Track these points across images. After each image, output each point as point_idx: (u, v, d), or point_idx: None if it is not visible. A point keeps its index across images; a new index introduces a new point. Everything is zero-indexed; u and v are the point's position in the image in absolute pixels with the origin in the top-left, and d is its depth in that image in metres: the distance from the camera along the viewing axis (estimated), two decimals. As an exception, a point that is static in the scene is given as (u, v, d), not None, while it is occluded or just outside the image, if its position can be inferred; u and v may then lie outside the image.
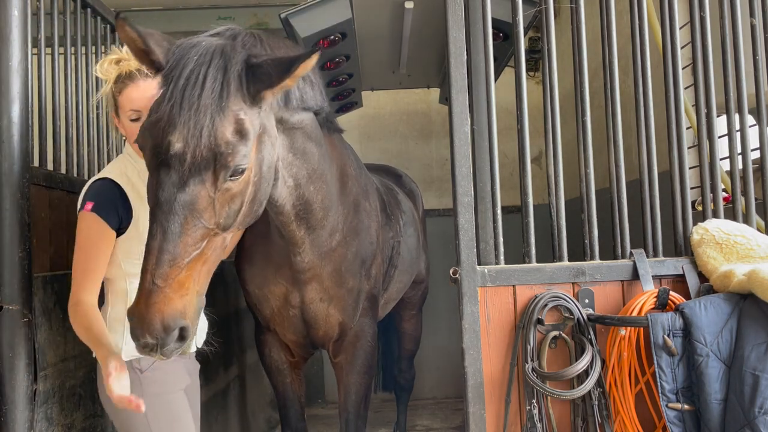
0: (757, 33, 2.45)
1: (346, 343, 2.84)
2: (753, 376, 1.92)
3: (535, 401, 2.18)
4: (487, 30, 2.35)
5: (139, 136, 1.81)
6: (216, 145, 1.74)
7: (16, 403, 1.96)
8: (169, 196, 1.72)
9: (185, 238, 1.73)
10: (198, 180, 1.74)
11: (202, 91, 1.75)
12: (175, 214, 1.72)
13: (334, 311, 2.75)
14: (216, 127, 1.75)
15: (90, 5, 2.80)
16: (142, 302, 1.71)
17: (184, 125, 1.72)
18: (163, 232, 1.72)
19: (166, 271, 1.71)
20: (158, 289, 1.70)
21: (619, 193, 2.40)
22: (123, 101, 2.06)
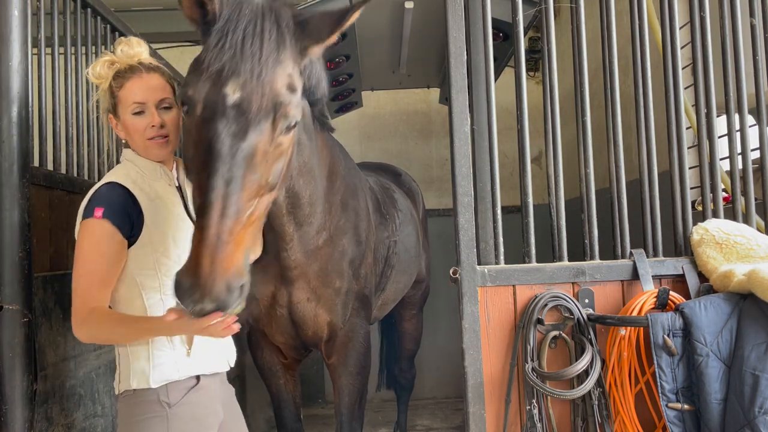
0: (757, 33, 2.45)
1: (338, 344, 2.80)
2: (753, 376, 1.92)
3: (535, 401, 2.18)
4: (487, 30, 2.36)
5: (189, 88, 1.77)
6: (275, 95, 1.76)
7: (15, 402, 1.95)
8: (230, 147, 1.69)
9: (246, 191, 1.70)
10: (258, 131, 1.73)
11: (261, 44, 1.77)
12: (237, 165, 1.69)
13: (322, 311, 2.71)
14: (276, 78, 1.78)
15: (90, 5, 2.80)
16: (205, 260, 1.60)
17: (248, 74, 1.73)
18: (225, 183, 1.66)
19: (230, 225, 1.65)
20: (223, 245, 1.63)
21: (619, 193, 2.40)
22: (125, 95, 1.98)
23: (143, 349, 1.91)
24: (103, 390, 2.66)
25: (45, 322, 2.23)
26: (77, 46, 2.75)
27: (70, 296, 2.39)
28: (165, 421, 1.87)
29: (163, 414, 1.88)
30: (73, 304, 1.84)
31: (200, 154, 1.73)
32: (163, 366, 1.91)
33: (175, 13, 6.27)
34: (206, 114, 1.74)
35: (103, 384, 2.66)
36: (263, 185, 1.77)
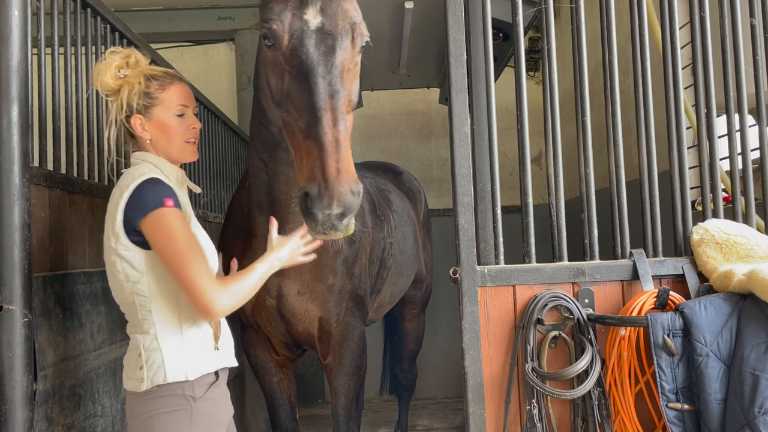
0: (757, 33, 2.45)
1: (333, 344, 2.76)
2: (753, 376, 1.92)
3: (535, 401, 2.18)
4: (487, 30, 2.36)
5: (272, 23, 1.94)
6: (350, 16, 2.01)
7: (15, 402, 1.95)
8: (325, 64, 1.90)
9: (345, 103, 1.91)
10: (343, 48, 1.97)
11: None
12: (335, 79, 1.89)
13: (313, 306, 2.67)
14: (350, 6, 2.04)
15: (90, 5, 2.80)
16: (330, 166, 1.76)
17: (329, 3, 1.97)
18: (329, 96, 1.87)
19: (342, 131, 1.84)
20: (342, 149, 1.80)
21: (619, 193, 2.40)
22: (170, 96, 2.03)
23: (178, 343, 1.94)
24: (103, 390, 2.66)
25: (45, 322, 2.23)
26: (77, 46, 2.74)
27: (70, 296, 2.39)
28: (190, 415, 1.90)
29: (188, 408, 1.91)
30: (196, 288, 1.84)
31: (296, 78, 1.92)
32: (197, 359, 1.96)
33: (175, 13, 6.28)
34: (295, 42, 1.93)
35: (103, 384, 2.66)
36: (351, 102, 1.98)
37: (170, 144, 2.05)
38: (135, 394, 1.93)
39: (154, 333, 1.93)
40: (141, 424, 1.91)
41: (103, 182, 2.86)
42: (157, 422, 1.89)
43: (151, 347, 1.92)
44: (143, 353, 1.92)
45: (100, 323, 2.65)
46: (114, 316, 2.79)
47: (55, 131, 2.61)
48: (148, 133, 2.03)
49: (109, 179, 2.94)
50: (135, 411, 1.94)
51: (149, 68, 2.07)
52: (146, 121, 2.03)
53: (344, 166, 1.80)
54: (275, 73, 2.03)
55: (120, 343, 2.84)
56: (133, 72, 2.03)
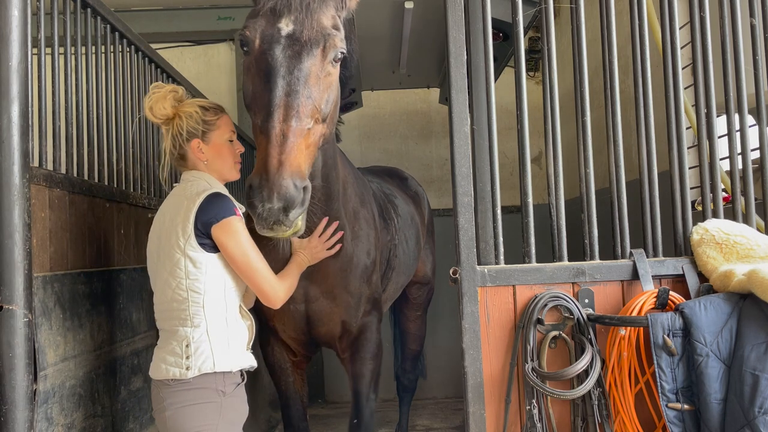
0: (757, 33, 2.45)
1: (351, 340, 2.91)
2: (753, 375, 1.92)
3: (535, 401, 2.18)
4: (487, 30, 2.35)
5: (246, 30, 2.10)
6: (323, 27, 2.09)
7: (16, 403, 1.95)
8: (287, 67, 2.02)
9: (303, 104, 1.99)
10: (311, 55, 2.06)
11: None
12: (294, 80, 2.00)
13: (337, 310, 2.79)
14: (322, 15, 2.11)
15: (90, 5, 2.80)
16: (272, 159, 1.87)
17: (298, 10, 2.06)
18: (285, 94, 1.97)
19: (292, 126, 1.93)
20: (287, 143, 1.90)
21: (619, 193, 2.40)
22: (224, 124, 2.33)
23: (224, 338, 2.18)
24: (103, 390, 2.66)
25: (45, 322, 2.23)
26: (77, 46, 2.74)
27: (70, 296, 2.39)
28: (219, 409, 2.13)
29: (218, 402, 2.14)
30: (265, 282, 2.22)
31: (261, 79, 2.04)
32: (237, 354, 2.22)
33: (175, 13, 6.28)
34: (264, 46, 2.06)
35: (103, 384, 2.66)
36: (316, 108, 2.05)
37: (224, 164, 2.33)
38: (169, 383, 2.12)
39: (205, 327, 2.16)
40: (173, 414, 2.11)
41: (103, 182, 2.86)
42: (191, 412, 2.10)
43: (201, 339, 2.14)
44: (192, 344, 2.13)
45: (100, 323, 2.65)
46: (114, 316, 2.80)
47: (55, 131, 2.61)
48: (205, 155, 2.30)
49: (109, 179, 2.94)
50: (168, 401, 2.12)
51: (200, 100, 2.36)
52: (204, 144, 2.30)
53: (288, 159, 1.88)
54: (249, 77, 2.15)
55: (120, 343, 2.84)
56: (188, 102, 2.31)
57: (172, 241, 2.16)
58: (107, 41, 3.02)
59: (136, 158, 3.24)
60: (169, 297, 2.18)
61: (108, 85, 3.00)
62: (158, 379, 2.17)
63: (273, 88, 1.98)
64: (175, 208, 2.20)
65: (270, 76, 2.01)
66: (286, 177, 1.85)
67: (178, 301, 2.17)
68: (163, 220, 2.25)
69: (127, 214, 2.98)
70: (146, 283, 3.12)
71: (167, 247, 2.18)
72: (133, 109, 3.24)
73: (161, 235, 2.23)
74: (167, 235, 2.19)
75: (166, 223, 2.22)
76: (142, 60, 3.41)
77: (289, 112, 1.95)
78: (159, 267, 2.23)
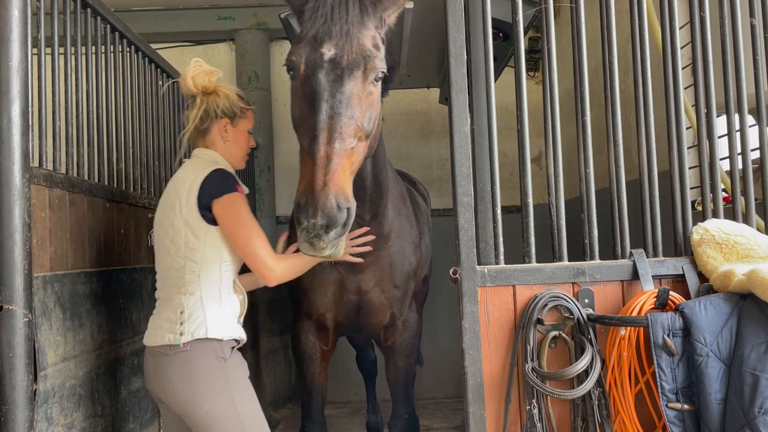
0: (757, 33, 2.45)
1: (397, 331, 3.12)
2: (753, 375, 1.92)
3: (535, 401, 2.18)
4: (487, 30, 2.35)
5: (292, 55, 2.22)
6: (363, 50, 2.18)
7: (16, 403, 1.95)
8: (330, 90, 2.11)
9: (346, 125, 2.08)
10: (352, 78, 2.15)
11: (347, 11, 2.20)
12: (337, 103, 2.09)
13: (387, 301, 2.99)
14: (362, 37, 2.20)
15: (90, 5, 2.80)
16: (318, 179, 1.96)
17: (338, 35, 2.17)
18: (329, 117, 2.06)
19: (336, 148, 2.02)
20: (332, 164, 1.99)
21: (619, 193, 2.40)
22: (250, 116, 2.53)
23: (217, 308, 2.28)
24: (103, 390, 2.66)
25: (45, 322, 2.23)
26: (77, 46, 2.74)
27: (70, 296, 2.39)
28: (224, 374, 2.24)
29: (221, 368, 2.23)
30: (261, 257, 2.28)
31: (307, 102, 2.14)
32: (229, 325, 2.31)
33: (175, 13, 6.27)
34: (308, 71, 2.16)
35: (103, 384, 2.66)
36: (359, 127, 2.14)
37: (238, 151, 2.50)
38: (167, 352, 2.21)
39: (199, 295, 2.25)
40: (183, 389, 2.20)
41: (103, 182, 2.86)
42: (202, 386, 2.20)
43: (195, 306, 2.24)
44: (186, 311, 2.23)
45: (100, 323, 2.65)
46: (114, 316, 2.80)
47: (55, 131, 2.61)
48: (227, 137, 2.45)
49: (109, 179, 2.94)
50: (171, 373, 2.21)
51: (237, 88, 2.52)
52: (231, 127, 2.45)
53: (332, 180, 1.97)
54: (296, 101, 2.26)
55: (120, 343, 2.84)
56: (226, 85, 2.47)
57: (175, 210, 2.28)
58: (107, 41, 3.02)
59: (136, 158, 3.24)
60: (168, 264, 2.29)
61: (108, 85, 3.00)
62: (154, 346, 2.25)
63: (317, 111, 2.08)
64: (182, 180, 2.32)
65: (314, 99, 2.11)
66: (331, 197, 1.94)
67: (175, 269, 2.27)
68: (167, 191, 2.38)
69: (127, 214, 2.98)
70: (146, 283, 3.13)
71: (171, 216, 2.29)
72: (133, 109, 3.24)
73: (165, 204, 2.35)
74: (171, 205, 2.30)
75: (171, 194, 2.33)
76: (142, 60, 3.41)
77: (333, 134, 2.04)
78: (162, 235, 2.33)
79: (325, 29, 2.18)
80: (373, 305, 2.97)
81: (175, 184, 2.35)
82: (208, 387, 2.20)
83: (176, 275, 2.28)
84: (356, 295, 2.93)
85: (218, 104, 2.42)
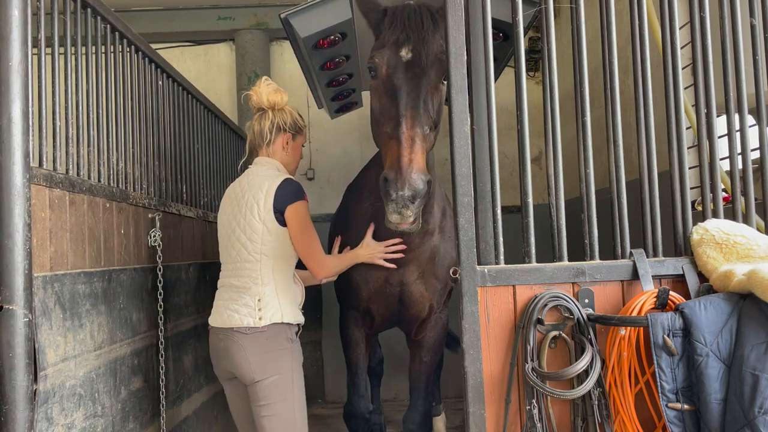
0: (757, 33, 2.45)
1: (429, 326, 3.36)
2: (753, 375, 1.92)
3: (535, 401, 2.18)
4: (487, 30, 2.35)
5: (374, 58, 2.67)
6: (435, 54, 2.61)
7: (16, 403, 1.95)
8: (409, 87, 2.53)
9: (422, 115, 2.51)
10: (426, 76, 2.58)
11: (422, 22, 2.63)
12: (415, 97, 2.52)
13: (427, 294, 3.22)
14: (434, 43, 2.62)
15: (90, 5, 2.80)
16: (404, 156, 2.36)
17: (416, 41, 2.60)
18: (410, 108, 2.49)
19: (418, 132, 2.44)
20: (415, 145, 2.39)
21: (619, 193, 2.40)
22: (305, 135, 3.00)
23: (287, 296, 2.70)
24: (103, 390, 2.66)
25: (45, 322, 2.23)
26: (77, 46, 2.74)
27: (70, 296, 2.39)
28: (291, 353, 2.65)
29: (289, 348, 2.65)
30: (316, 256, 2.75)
31: (389, 96, 2.57)
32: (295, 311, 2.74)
33: (175, 13, 6.28)
34: (390, 71, 2.61)
35: (103, 384, 2.66)
36: (431, 118, 2.58)
37: (293, 162, 2.96)
38: (246, 331, 2.60)
39: (273, 286, 2.67)
40: (257, 359, 2.58)
41: (102, 182, 2.86)
42: (272, 358, 2.60)
43: (271, 296, 2.65)
44: (263, 299, 2.64)
45: (100, 323, 2.65)
46: (114, 316, 2.80)
47: (55, 131, 2.61)
48: (287, 149, 2.89)
49: (109, 179, 2.94)
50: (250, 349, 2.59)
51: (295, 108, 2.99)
52: (291, 141, 2.90)
53: (416, 159, 2.37)
54: (376, 96, 2.69)
55: (120, 343, 2.84)
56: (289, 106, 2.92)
57: (254, 212, 2.66)
58: (107, 41, 3.02)
59: (136, 158, 3.24)
60: (244, 258, 2.68)
61: (108, 85, 3.00)
62: (230, 327, 2.62)
63: (400, 103, 2.50)
64: (258, 185, 2.70)
65: (396, 93, 2.54)
66: (415, 172, 2.33)
67: (251, 262, 2.67)
68: (241, 193, 2.75)
69: (127, 214, 2.98)
70: (146, 283, 3.13)
71: (248, 217, 2.67)
72: (133, 109, 3.24)
73: (240, 204, 2.72)
74: (249, 207, 2.68)
75: (247, 196, 2.70)
76: (142, 60, 3.40)
77: (414, 122, 2.45)
78: (237, 232, 2.70)
79: (403, 36, 2.60)
80: (413, 297, 3.23)
81: (251, 188, 2.71)
82: (278, 361, 2.59)
83: (252, 267, 2.66)
84: (399, 287, 3.20)
85: (285, 120, 2.85)
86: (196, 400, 3.86)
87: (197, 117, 4.29)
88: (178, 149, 3.88)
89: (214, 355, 2.75)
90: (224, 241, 2.79)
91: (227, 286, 2.74)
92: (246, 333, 2.60)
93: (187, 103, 4.07)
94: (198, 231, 4.03)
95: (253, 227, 2.66)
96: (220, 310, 2.72)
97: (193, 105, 4.20)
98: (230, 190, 2.84)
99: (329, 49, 3.58)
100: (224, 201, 2.85)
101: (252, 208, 2.66)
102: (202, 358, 3.99)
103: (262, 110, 2.86)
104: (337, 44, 3.54)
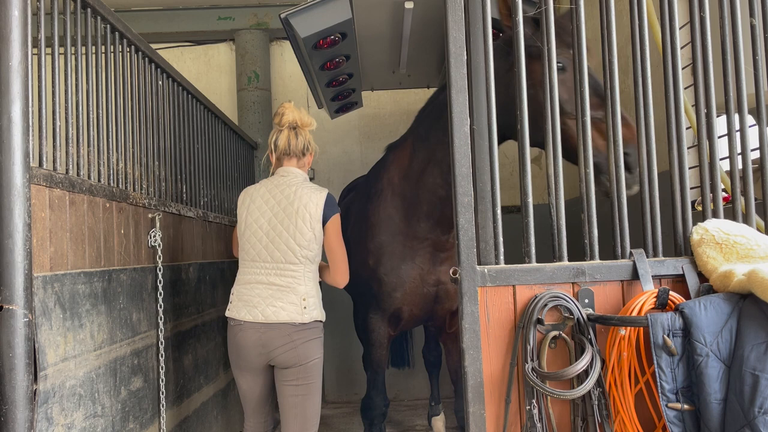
0: (757, 33, 2.45)
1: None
2: (753, 375, 1.92)
3: (534, 401, 2.18)
4: (487, 30, 2.36)
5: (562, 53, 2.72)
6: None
7: (16, 403, 1.95)
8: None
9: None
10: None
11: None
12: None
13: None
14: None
15: (90, 5, 2.80)
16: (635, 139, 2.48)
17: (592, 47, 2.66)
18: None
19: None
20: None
21: (619, 193, 2.40)
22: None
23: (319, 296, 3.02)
24: (103, 390, 2.66)
25: (45, 322, 2.23)
26: (77, 46, 2.74)
27: (70, 296, 2.39)
28: (322, 342, 3.01)
29: (322, 337, 3.01)
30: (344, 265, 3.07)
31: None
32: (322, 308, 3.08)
33: (175, 13, 6.28)
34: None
35: (103, 384, 2.66)
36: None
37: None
38: (293, 324, 2.90)
39: (313, 286, 2.99)
40: (304, 346, 2.91)
41: (102, 182, 2.86)
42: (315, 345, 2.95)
43: (310, 295, 2.95)
44: (308, 299, 2.93)
45: (100, 323, 2.65)
46: (114, 316, 2.79)
47: (55, 131, 2.61)
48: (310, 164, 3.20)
49: (109, 179, 2.94)
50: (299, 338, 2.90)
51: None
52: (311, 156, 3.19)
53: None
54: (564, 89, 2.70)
55: (120, 343, 2.84)
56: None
57: (306, 220, 2.93)
58: (107, 41, 3.02)
59: (136, 158, 3.24)
60: (290, 260, 2.92)
61: (108, 85, 3.00)
62: (277, 322, 2.89)
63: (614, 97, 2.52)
64: (308, 196, 2.97)
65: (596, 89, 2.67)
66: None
67: (296, 264, 2.92)
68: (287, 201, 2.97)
69: (127, 214, 2.98)
70: (146, 282, 3.13)
71: (299, 224, 2.93)
72: (133, 109, 3.24)
73: (288, 211, 2.95)
74: (300, 215, 2.94)
75: (296, 204, 2.95)
76: (142, 60, 3.40)
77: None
78: (285, 236, 2.93)
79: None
80: (449, 294, 3.43)
81: (300, 198, 2.96)
82: (317, 347, 2.96)
83: (294, 268, 2.93)
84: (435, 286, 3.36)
85: (310, 140, 3.15)
86: (196, 400, 3.86)
87: (197, 117, 4.29)
88: (178, 149, 3.88)
89: (246, 347, 2.93)
90: (264, 242, 2.96)
91: (266, 283, 2.94)
92: (295, 326, 2.89)
93: (187, 103, 4.07)
94: (198, 231, 4.03)
95: (303, 233, 2.92)
96: (260, 306, 2.91)
97: (193, 105, 4.20)
98: (265, 193, 3.02)
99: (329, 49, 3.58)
100: (257, 202, 3.01)
101: (304, 217, 2.93)
102: (202, 358, 3.99)
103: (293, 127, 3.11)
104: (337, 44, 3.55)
